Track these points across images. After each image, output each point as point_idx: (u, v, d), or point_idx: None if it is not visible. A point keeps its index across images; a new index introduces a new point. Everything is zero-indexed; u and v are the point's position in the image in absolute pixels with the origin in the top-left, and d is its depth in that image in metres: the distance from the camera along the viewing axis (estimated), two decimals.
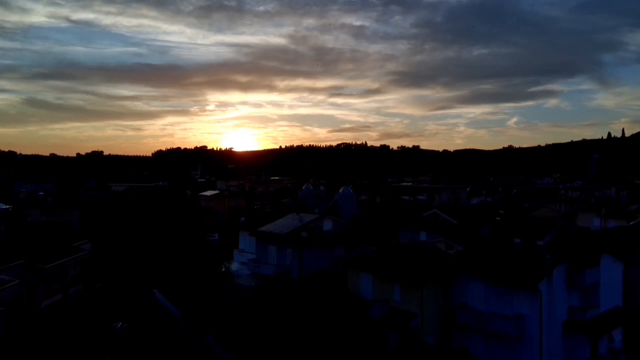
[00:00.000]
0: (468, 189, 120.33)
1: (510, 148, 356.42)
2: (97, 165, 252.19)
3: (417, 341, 32.94)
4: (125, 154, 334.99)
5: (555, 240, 34.63)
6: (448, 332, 34.06)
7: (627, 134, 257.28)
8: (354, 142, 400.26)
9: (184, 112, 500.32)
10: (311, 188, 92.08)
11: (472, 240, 38.38)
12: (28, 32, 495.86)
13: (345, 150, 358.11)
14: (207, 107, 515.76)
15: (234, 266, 53.84)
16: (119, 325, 20.04)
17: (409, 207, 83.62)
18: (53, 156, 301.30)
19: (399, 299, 35.59)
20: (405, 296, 35.31)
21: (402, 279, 35.07)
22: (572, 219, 69.88)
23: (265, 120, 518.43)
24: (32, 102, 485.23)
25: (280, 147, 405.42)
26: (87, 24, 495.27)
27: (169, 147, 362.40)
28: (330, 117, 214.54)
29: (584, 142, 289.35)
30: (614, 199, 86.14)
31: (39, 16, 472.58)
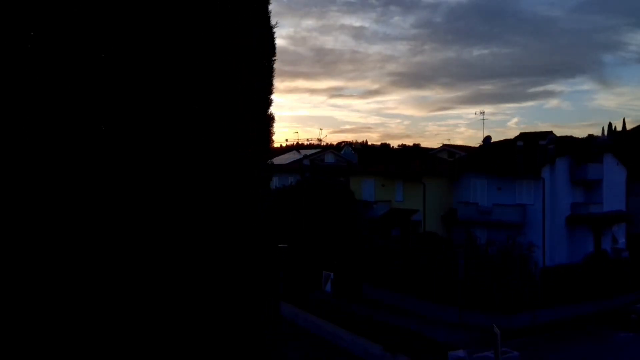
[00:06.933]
0: None
1: None
2: None
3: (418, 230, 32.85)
4: None
5: (558, 139, 34.53)
6: (450, 228, 33.91)
7: (628, 127, 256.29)
8: (354, 141, 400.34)
9: None
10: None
11: (475, 149, 38.35)
12: None
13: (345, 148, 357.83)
14: None
15: None
16: None
17: None
18: None
19: (401, 199, 35.51)
20: (407, 195, 35.21)
21: (404, 175, 34.99)
22: None
23: None
24: None
25: (281, 145, 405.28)
26: None
27: None
28: (331, 118, 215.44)
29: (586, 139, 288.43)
30: None
31: None
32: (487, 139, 38.62)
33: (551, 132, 34.11)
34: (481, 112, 40.11)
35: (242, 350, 5.82)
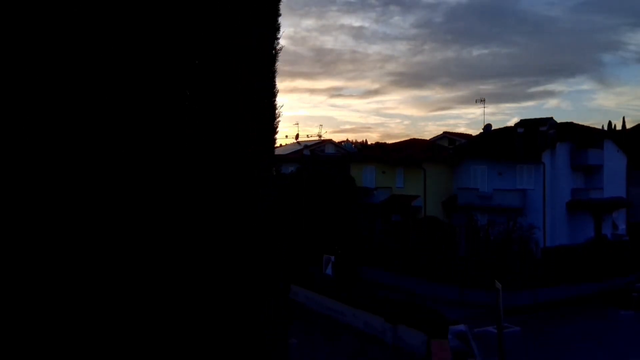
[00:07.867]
0: None
1: None
2: None
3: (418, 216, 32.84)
4: None
5: (559, 125, 34.49)
6: (450, 214, 33.92)
7: (628, 126, 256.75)
8: (354, 141, 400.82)
9: None
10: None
11: (475, 136, 38.34)
12: None
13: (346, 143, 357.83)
14: None
15: None
16: None
17: None
18: None
19: (402, 185, 35.50)
20: (407, 182, 35.21)
21: (405, 162, 34.98)
22: None
23: None
24: None
25: (281, 144, 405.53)
26: None
27: None
28: (331, 118, 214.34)
29: None
30: None
31: None
32: (488, 126, 38.63)
33: (551, 118, 34.05)
34: (481, 100, 39.98)
35: (238, 352, 5.84)
